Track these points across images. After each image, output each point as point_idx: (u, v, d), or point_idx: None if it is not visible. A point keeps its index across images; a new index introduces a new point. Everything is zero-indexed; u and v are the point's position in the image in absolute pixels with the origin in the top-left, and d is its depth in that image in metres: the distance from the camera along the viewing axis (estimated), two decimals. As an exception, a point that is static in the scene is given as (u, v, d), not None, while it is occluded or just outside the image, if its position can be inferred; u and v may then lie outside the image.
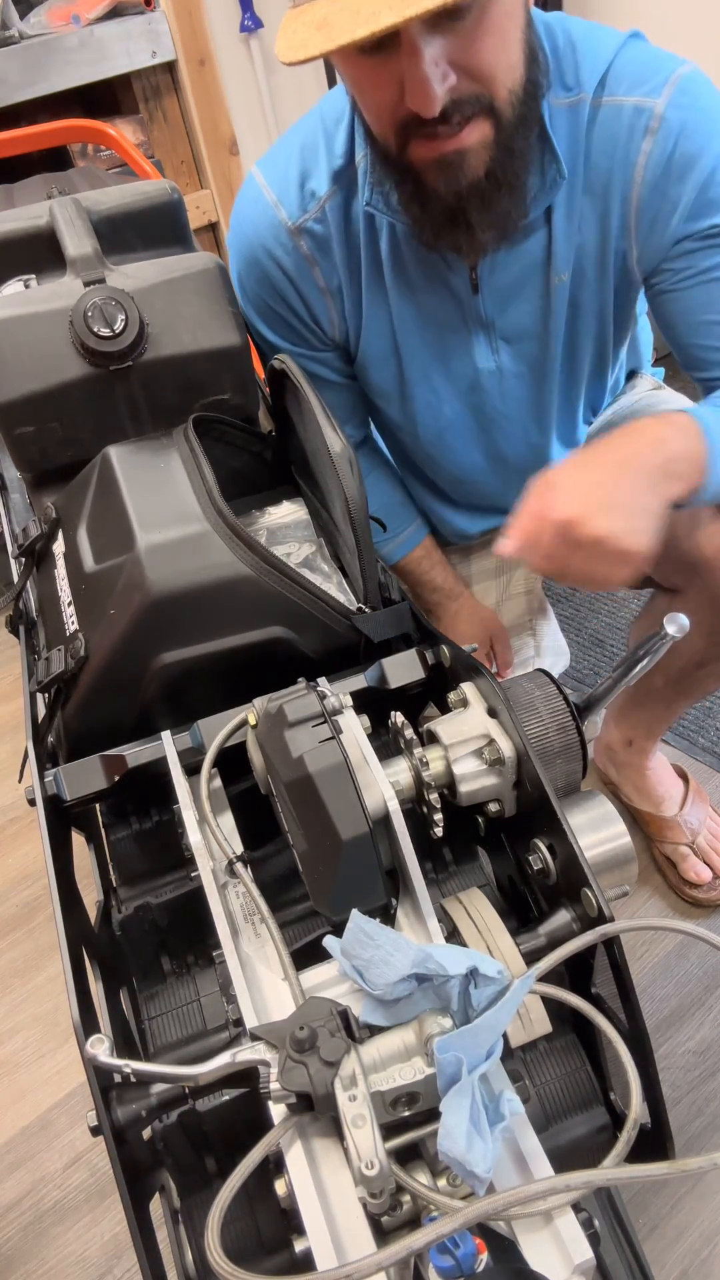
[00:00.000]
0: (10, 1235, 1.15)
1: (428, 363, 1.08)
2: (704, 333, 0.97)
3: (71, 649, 0.77)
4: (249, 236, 1.03)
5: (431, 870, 0.75)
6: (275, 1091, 0.51)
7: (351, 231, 1.00)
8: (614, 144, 0.91)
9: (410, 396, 1.12)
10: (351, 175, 0.97)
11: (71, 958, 0.64)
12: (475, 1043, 0.51)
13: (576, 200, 0.95)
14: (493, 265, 0.98)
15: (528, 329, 1.04)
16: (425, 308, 1.03)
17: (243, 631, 0.75)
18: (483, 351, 1.06)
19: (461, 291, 1.01)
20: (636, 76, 0.90)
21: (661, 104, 0.89)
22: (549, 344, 1.05)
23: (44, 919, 1.51)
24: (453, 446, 1.17)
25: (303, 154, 1.00)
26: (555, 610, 1.78)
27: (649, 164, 0.90)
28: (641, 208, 0.93)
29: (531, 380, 1.09)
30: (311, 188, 0.99)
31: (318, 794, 0.60)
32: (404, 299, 1.03)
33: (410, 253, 1.00)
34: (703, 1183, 1.08)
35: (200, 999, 0.71)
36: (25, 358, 0.86)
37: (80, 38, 1.92)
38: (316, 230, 1.00)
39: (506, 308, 1.02)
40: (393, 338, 1.06)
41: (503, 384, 1.09)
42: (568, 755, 0.69)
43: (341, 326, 1.07)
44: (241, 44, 2.19)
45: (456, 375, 1.09)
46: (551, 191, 0.93)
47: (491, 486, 1.23)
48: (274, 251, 1.02)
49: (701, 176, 0.90)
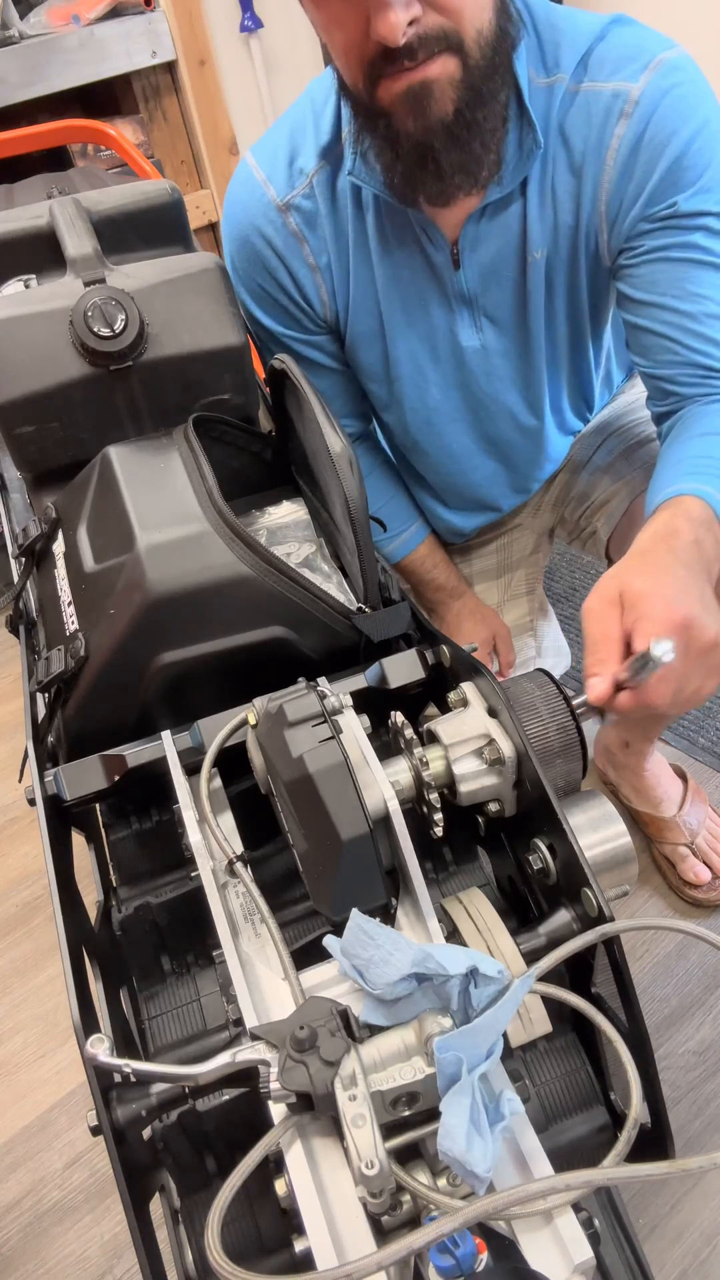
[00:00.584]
0: (10, 1235, 1.15)
1: (413, 341, 1.08)
2: (652, 316, 0.96)
3: (71, 649, 0.77)
4: (240, 217, 1.03)
5: (431, 870, 0.75)
6: (275, 1091, 0.51)
7: (339, 206, 1.01)
8: (590, 127, 0.91)
9: (397, 377, 1.11)
10: (338, 151, 0.98)
11: (71, 957, 0.64)
12: (475, 1042, 0.51)
13: (550, 178, 0.95)
14: (474, 239, 0.98)
15: (508, 306, 1.04)
16: (409, 284, 1.04)
17: (243, 631, 0.75)
18: (466, 329, 1.06)
19: (444, 267, 1.01)
20: (618, 61, 0.90)
21: (639, 88, 0.89)
22: (528, 323, 1.05)
23: (44, 919, 1.51)
24: (441, 431, 1.17)
25: (292, 134, 1.01)
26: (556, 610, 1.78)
27: (620, 147, 0.91)
28: (611, 192, 0.93)
29: (518, 358, 1.09)
30: (300, 164, 1.00)
31: (318, 794, 0.60)
32: (388, 274, 1.03)
33: (393, 226, 1.00)
34: (703, 1183, 1.08)
35: (200, 999, 0.71)
36: (25, 358, 0.86)
37: (80, 38, 1.92)
38: (304, 206, 1.01)
39: (488, 284, 1.02)
40: (378, 315, 1.07)
41: (488, 363, 1.09)
42: (568, 755, 0.69)
43: (331, 304, 1.07)
44: (241, 44, 2.19)
45: (442, 355, 1.09)
46: (528, 162, 0.93)
47: (482, 475, 1.22)
48: (264, 229, 1.02)
49: (668, 161, 0.89)
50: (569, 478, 1.29)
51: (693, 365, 0.95)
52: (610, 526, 1.20)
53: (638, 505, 1.15)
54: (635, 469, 1.18)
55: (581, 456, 1.26)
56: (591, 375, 1.17)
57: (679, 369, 0.96)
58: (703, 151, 0.90)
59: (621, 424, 1.23)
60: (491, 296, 1.03)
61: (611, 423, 1.24)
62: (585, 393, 1.20)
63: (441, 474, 1.24)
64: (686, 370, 0.96)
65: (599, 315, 1.08)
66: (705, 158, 0.90)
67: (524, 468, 1.23)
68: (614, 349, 1.19)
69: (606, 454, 1.23)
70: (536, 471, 1.24)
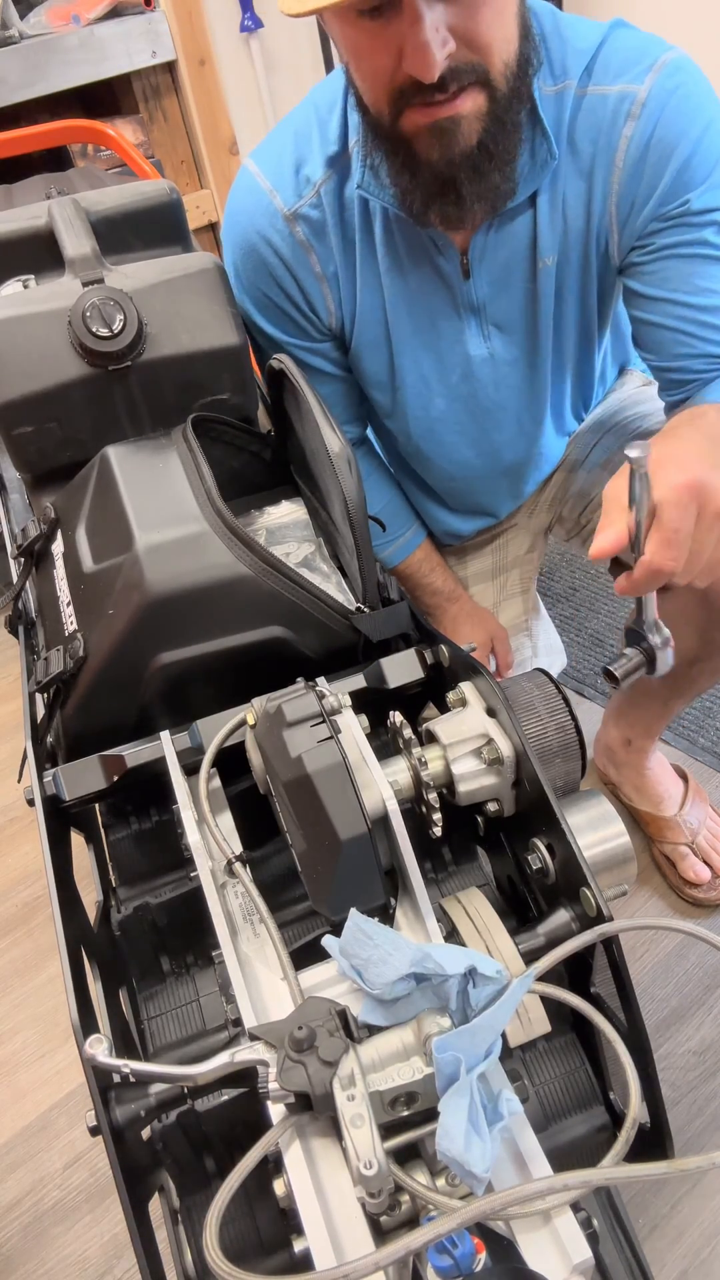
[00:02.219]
0: (10, 1235, 1.15)
1: (419, 350, 1.08)
2: (664, 312, 0.97)
3: (70, 649, 0.77)
4: (245, 225, 1.03)
5: (430, 870, 0.75)
6: (274, 1091, 0.51)
7: (346, 216, 1.00)
8: (598, 130, 0.92)
9: (401, 386, 1.12)
10: (346, 161, 0.98)
11: (70, 958, 0.64)
12: (474, 1042, 0.51)
13: (560, 184, 0.95)
14: (483, 249, 0.98)
15: (517, 314, 1.04)
16: (417, 293, 1.04)
17: (241, 631, 0.75)
18: (474, 339, 1.06)
19: (453, 277, 1.01)
20: (622, 64, 0.90)
21: (645, 89, 0.89)
22: (537, 329, 1.05)
23: (44, 919, 1.51)
24: (443, 441, 1.17)
25: (297, 141, 1.00)
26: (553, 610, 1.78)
27: (629, 148, 0.91)
28: (621, 192, 0.93)
29: (525, 366, 1.09)
30: (306, 173, 0.99)
31: (316, 794, 0.60)
32: (396, 284, 1.03)
33: (402, 237, 1.00)
34: (703, 1183, 1.08)
35: (199, 999, 0.71)
36: (24, 358, 0.86)
37: (80, 38, 1.92)
38: (312, 215, 1.00)
39: (497, 293, 1.02)
40: (385, 324, 1.07)
41: (496, 371, 1.09)
42: (566, 754, 0.69)
43: (337, 314, 1.07)
44: (241, 44, 2.19)
45: (448, 366, 1.09)
46: (541, 172, 0.93)
47: (482, 484, 1.23)
48: (271, 239, 1.02)
49: (679, 161, 0.90)
50: (566, 476, 1.29)
51: (705, 356, 0.97)
52: None
53: None
54: None
55: (578, 455, 1.26)
56: (594, 377, 1.18)
57: (692, 359, 0.98)
58: (711, 149, 0.90)
59: (617, 420, 1.23)
60: (501, 305, 1.04)
61: (607, 419, 1.24)
62: (586, 394, 1.21)
63: (443, 480, 1.24)
64: (700, 360, 0.98)
65: (605, 315, 1.09)
66: (714, 155, 0.91)
67: (522, 473, 1.23)
68: (610, 346, 1.19)
69: (604, 451, 1.23)
70: (534, 474, 1.25)
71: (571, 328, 1.07)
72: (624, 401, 1.24)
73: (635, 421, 1.21)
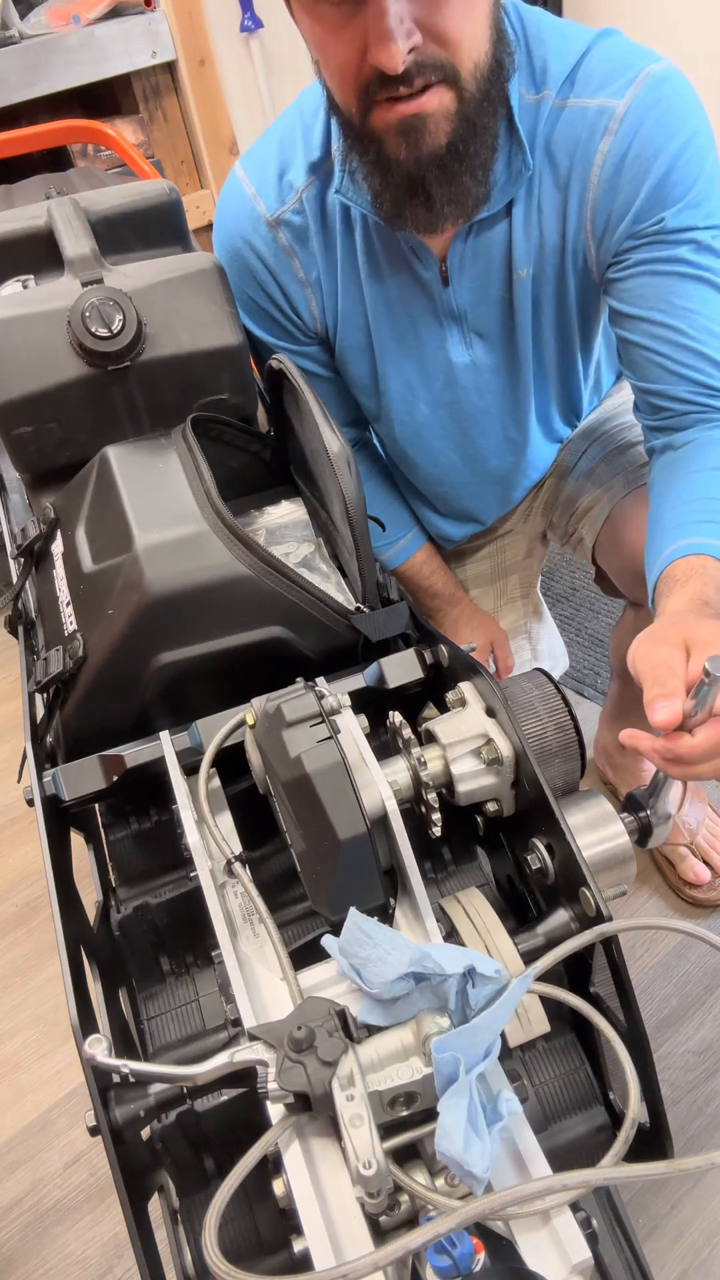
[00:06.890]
0: (10, 1235, 1.16)
1: (402, 358, 1.08)
2: (641, 330, 0.95)
3: (70, 649, 0.77)
4: (230, 230, 1.03)
5: (430, 870, 0.75)
6: (273, 1091, 0.51)
7: (328, 223, 1.00)
8: (576, 143, 0.91)
9: (385, 391, 1.11)
10: (328, 167, 0.97)
11: (70, 958, 0.64)
12: (473, 1042, 0.51)
13: (536, 196, 0.94)
14: (461, 257, 0.98)
15: (496, 324, 1.04)
16: (397, 300, 1.04)
17: (241, 631, 0.75)
18: (456, 346, 1.06)
19: (433, 284, 1.01)
20: (604, 77, 0.89)
21: (624, 104, 0.88)
22: (516, 339, 1.05)
23: (44, 919, 1.51)
24: (429, 446, 1.17)
25: (281, 147, 1.00)
26: (555, 611, 1.78)
27: (605, 163, 0.90)
28: (596, 207, 0.92)
29: (507, 374, 1.09)
30: (290, 179, 0.99)
31: (315, 794, 0.60)
32: (376, 290, 1.03)
33: (381, 244, 1.00)
34: (702, 1183, 1.08)
35: (199, 999, 0.71)
36: (23, 358, 0.86)
37: (80, 38, 1.92)
38: (294, 221, 1.00)
39: (478, 301, 1.02)
40: (367, 330, 1.07)
41: (479, 378, 1.09)
42: (566, 755, 0.69)
43: (321, 319, 1.07)
44: (241, 44, 2.19)
45: (431, 372, 1.09)
46: (517, 182, 0.92)
47: (468, 490, 1.23)
48: (254, 244, 1.02)
49: (655, 178, 0.89)
50: (557, 482, 1.29)
51: (683, 380, 0.95)
52: (594, 533, 1.20)
53: (618, 512, 1.15)
54: (616, 474, 1.18)
55: (569, 461, 1.26)
56: (580, 387, 1.17)
57: (670, 384, 0.96)
58: (689, 166, 0.89)
59: (606, 429, 1.22)
60: (480, 313, 1.03)
61: (597, 427, 1.24)
62: (574, 403, 1.20)
63: (430, 484, 1.24)
64: (678, 385, 0.95)
65: (589, 329, 1.08)
66: (692, 172, 0.89)
67: (509, 480, 1.23)
68: (605, 355, 1.19)
69: (590, 460, 1.22)
70: (522, 480, 1.24)
71: (550, 339, 1.06)
72: (616, 409, 1.23)
73: (623, 431, 1.20)
